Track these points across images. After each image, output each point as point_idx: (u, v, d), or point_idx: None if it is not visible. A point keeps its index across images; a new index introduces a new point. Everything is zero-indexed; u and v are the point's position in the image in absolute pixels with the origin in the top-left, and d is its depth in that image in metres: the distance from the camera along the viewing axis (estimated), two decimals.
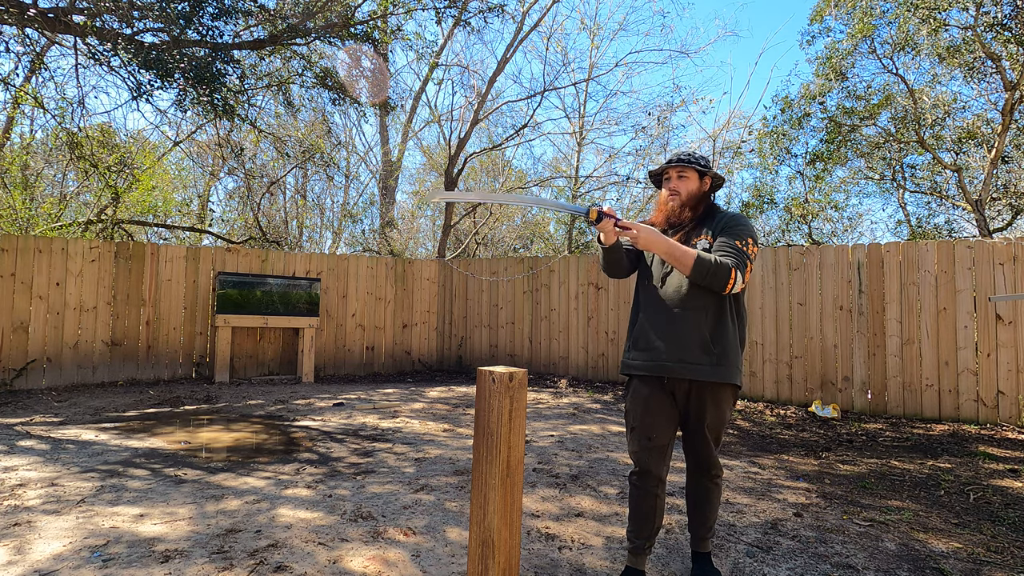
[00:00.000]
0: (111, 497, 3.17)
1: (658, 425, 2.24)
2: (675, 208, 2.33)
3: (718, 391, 2.22)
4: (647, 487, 2.28)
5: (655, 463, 2.26)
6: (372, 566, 2.43)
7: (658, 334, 2.25)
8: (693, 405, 2.25)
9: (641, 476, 2.29)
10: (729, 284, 2.10)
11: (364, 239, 15.27)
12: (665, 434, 2.26)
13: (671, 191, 2.35)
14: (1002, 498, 3.60)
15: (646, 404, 2.27)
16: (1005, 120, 8.61)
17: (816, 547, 2.77)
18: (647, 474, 2.27)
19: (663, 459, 2.28)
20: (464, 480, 3.67)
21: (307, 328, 8.21)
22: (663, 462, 2.28)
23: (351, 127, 17.19)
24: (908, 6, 8.50)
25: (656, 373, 2.24)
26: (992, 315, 5.84)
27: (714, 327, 2.20)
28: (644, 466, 2.27)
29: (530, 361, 9.00)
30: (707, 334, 2.19)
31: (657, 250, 2.12)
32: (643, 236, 2.11)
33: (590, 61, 13.07)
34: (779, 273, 6.94)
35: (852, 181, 12.84)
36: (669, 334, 2.22)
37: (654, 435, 2.25)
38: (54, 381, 6.87)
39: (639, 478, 2.29)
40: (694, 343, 2.19)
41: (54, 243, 6.98)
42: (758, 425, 5.84)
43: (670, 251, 2.12)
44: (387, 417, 5.68)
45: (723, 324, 2.21)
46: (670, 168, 2.35)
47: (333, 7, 7.55)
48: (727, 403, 2.26)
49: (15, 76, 7.08)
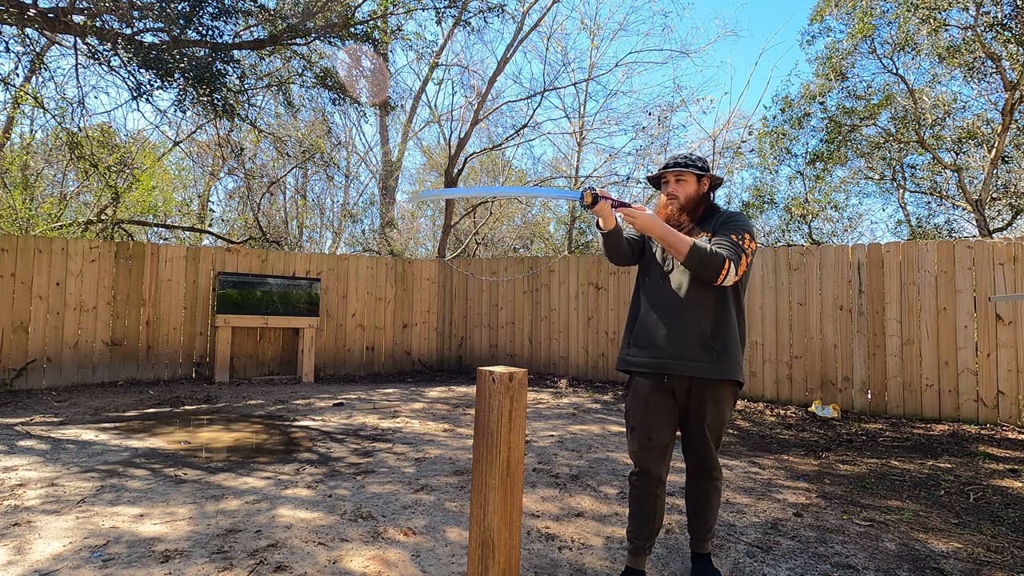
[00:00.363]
0: (111, 497, 3.17)
1: (658, 425, 2.24)
2: (674, 212, 2.33)
3: (718, 389, 2.21)
4: (647, 487, 2.27)
5: (655, 463, 2.25)
6: (372, 566, 2.43)
7: (658, 331, 2.24)
8: (693, 404, 2.24)
9: (641, 476, 2.28)
10: (722, 275, 2.09)
11: (364, 239, 15.27)
12: (665, 434, 2.26)
13: (669, 195, 2.35)
14: (1002, 498, 3.60)
15: (646, 404, 2.26)
16: (1005, 120, 8.61)
17: (816, 547, 2.77)
18: (647, 474, 2.27)
19: (663, 459, 2.27)
20: (464, 480, 3.67)
21: (307, 328, 8.21)
22: (663, 462, 2.28)
23: (351, 127, 17.19)
24: (908, 6, 8.51)
25: (656, 370, 2.23)
26: (992, 315, 5.84)
27: (715, 324, 2.20)
28: (644, 466, 2.27)
29: (530, 361, 9.00)
30: (708, 331, 2.19)
31: (653, 233, 2.11)
32: (640, 217, 2.12)
33: (590, 61, 13.08)
34: (779, 273, 6.94)
35: (852, 181, 12.85)
36: (670, 331, 2.22)
37: (654, 435, 2.24)
38: (54, 381, 6.87)
39: (639, 478, 2.29)
40: (694, 340, 2.19)
41: (54, 243, 6.98)
42: (758, 425, 5.84)
43: (665, 236, 2.11)
44: (387, 417, 5.68)
45: (724, 321, 2.21)
46: (668, 172, 2.35)
47: (333, 7, 7.55)
48: (727, 402, 2.25)
49: (15, 76, 7.08)
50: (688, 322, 2.20)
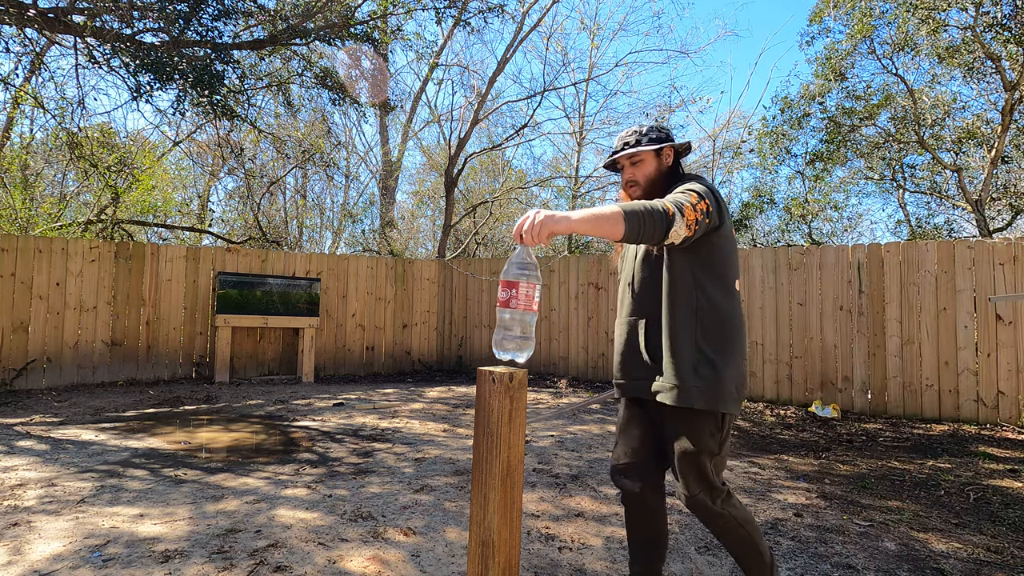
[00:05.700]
0: (110, 497, 3.17)
1: (634, 441, 2.01)
2: (639, 199, 2.00)
3: (681, 416, 1.84)
4: (631, 510, 2.05)
5: (632, 483, 2.00)
6: (371, 566, 2.43)
7: (618, 346, 2.02)
8: (659, 426, 1.96)
9: (623, 498, 2.06)
10: (672, 229, 1.66)
11: (364, 239, 15.28)
12: (643, 452, 2.00)
13: (628, 183, 2.03)
14: (1002, 498, 3.60)
15: (620, 420, 2.08)
16: (1005, 120, 8.61)
17: (816, 547, 2.77)
18: (626, 495, 2.03)
19: (645, 479, 1.99)
20: (463, 480, 3.67)
21: (307, 328, 8.21)
22: (645, 482, 1.99)
23: (351, 127, 17.20)
24: (907, 6, 8.51)
25: (626, 394, 2.02)
26: (992, 315, 5.84)
27: (674, 335, 1.84)
28: (621, 486, 2.04)
29: (530, 361, 9.00)
30: (661, 341, 1.87)
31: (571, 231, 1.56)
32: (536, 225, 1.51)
33: (590, 61, 13.09)
34: (779, 273, 6.94)
35: (852, 181, 12.85)
36: (622, 344, 1.99)
37: (629, 452, 2.02)
38: (54, 381, 6.87)
39: (623, 499, 2.07)
40: (641, 354, 1.91)
41: (54, 243, 6.98)
42: (758, 425, 5.83)
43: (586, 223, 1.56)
44: (387, 417, 5.68)
45: (683, 330, 1.84)
46: (620, 157, 2.01)
47: (333, 7, 7.55)
48: (696, 432, 1.82)
49: (15, 76, 7.08)
50: (639, 335, 1.92)
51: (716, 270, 1.87)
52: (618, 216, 1.58)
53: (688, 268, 1.86)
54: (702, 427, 1.82)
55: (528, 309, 1.51)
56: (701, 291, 1.85)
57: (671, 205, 1.68)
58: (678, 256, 1.87)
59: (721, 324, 1.85)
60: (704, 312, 1.84)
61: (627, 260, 2.07)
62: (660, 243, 1.70)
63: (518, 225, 1.53)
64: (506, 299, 1.50)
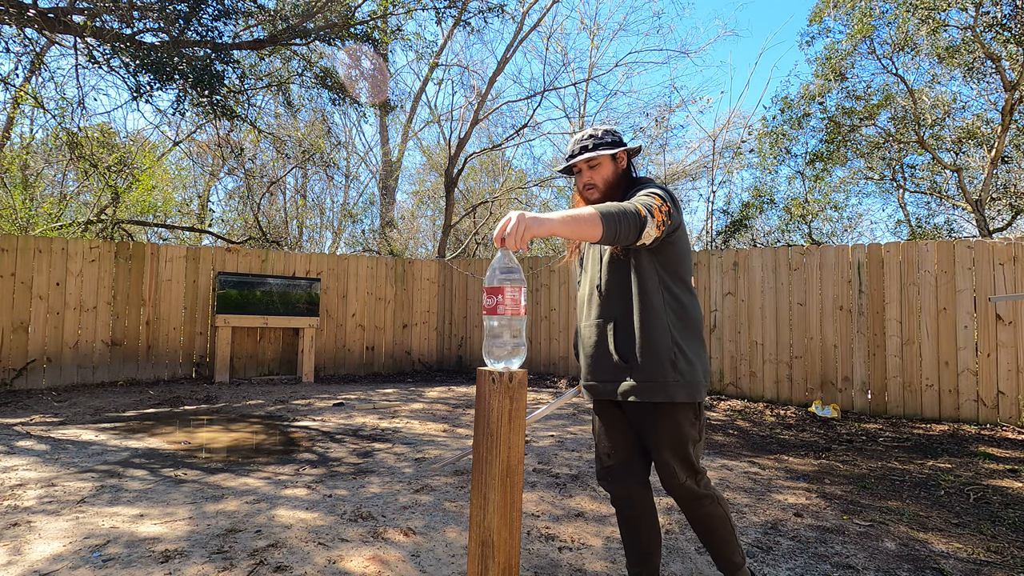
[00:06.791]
0: (110, 497, 3.17)
1: (613, 440, 2.05)
2: (596, 202, 2.00)
3: (662, 411, 1.89)
4: (620, 510, 2.08)
5: (618, 483, 2.05)
6: (371, 566, 2.43)
7: (586, 349, 2.02)
8: (635, 423, 1.98)
9: (612, 500, 2.10)
10: (645, 230, 1.70)
11: (364, 239, 15.27)
12: (623, 450, 2.03)
13: (586, 186, 2.02)
14: (1002, 498, 3.60)
15: (597, 422, 2.10)
16: (1005, 120, 8.61)
17: (816, 547, 2.77)
18: (614, 496, 2.08)
19: (627, 477, 2.04)
20: (463, 480, 3.67)
21: (307, 328, 8.21)
22: (627, 481, 2.04)
23: (351, 127, 17.21)
24: (907, 6, 8.51)
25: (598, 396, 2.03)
26: (992, 315, 5.84)
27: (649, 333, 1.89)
28: (608, 488, 2.08)
29: (530, 361, 9.00)
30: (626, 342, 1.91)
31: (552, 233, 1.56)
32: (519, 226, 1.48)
33: (590, 61, 13.10)
34: (779, 273, 6.94)
35: (852, 181, 12.85)
36: (591, 348, 2.00)
37: (612, 453, 2.05)
38: (54, 381, 6.87)
39: (612, 501, 2.10)
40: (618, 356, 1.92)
41: (54, 243, 6.98)
42: (758, 425, 5.83)
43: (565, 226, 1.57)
44: (387, 417, 5.68)
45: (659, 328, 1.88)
46: (578, 161, 2.01)
47: (333, 7, 7.55)
48: (679, 424, 1.89)
49: (15, 76, 7.08)
50: (602, 337, 1.95)
51: (677, 269, 1.94)
52: (595, 218, 1.60)
53: (653, 268, 1.92)
54: (683, 418, 1.90)
55: (516, 313, 1.48)
56: (666, 289, 1.92)
57: (642, 207, 1.73)
58: (644, 257, 1.92)
59: (688, 319, 1.93)
60: (672, 309, 1.91)
61: (591, 262, 2.08)
62: (633, 244, 1.74)
63: (499, 229, 1.50)
64: (492, 306, 1.46)
